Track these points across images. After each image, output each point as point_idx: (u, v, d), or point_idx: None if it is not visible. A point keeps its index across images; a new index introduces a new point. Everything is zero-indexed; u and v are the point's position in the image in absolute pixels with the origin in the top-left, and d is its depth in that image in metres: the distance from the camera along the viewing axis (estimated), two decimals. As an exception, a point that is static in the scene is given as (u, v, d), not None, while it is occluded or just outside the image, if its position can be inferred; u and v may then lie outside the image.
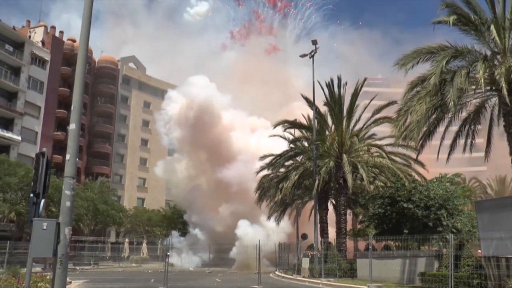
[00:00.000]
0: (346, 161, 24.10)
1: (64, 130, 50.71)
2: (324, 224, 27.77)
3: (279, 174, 28.04)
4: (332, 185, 27.45)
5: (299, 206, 33.09)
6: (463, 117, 17.96)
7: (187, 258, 39.05)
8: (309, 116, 28.54)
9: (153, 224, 51.13)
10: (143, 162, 66.71)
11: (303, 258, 25.07)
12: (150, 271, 30.88)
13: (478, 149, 18.54)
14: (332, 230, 27.91)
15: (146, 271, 31.36)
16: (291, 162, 28.49)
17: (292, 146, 29.13)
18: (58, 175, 35.62)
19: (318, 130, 26.77)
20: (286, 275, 26.19)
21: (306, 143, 28.96)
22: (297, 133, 29.96)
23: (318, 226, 26.26)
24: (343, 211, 25.95)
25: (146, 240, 44.52)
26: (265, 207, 30.85)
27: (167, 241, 30.68)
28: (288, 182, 25.93)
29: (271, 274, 27.95)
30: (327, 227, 28.01)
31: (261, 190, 29.65)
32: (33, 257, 8.42)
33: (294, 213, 33.97)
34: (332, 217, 28.53)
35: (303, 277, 23.84)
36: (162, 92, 62.31)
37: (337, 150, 26.07)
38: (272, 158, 28.57)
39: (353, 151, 26.04)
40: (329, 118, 27.29)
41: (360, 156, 26.02)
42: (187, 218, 43.39)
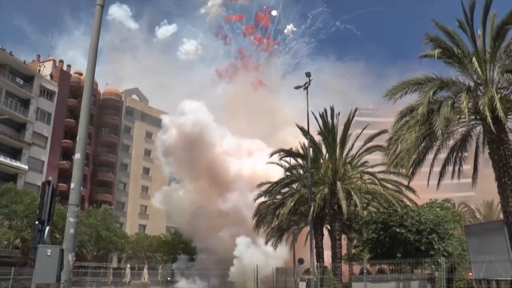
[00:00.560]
0: (340, 188, 24.58)
1: (69, 159, 51.85)
2: (319, 248, 28.00)
3: (276, 201, 28.53)
4: (327, 211, 27.66)
5: (296, 232, 33.38)
6: (451, 145, 18.43)
7: (195, 283, 39.60)
8: (304, 144, 29.12)
9: (154, 249, 51.55)
10: (145, 190, 67.97)
11: (300, 282, 25.25)
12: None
13: (466, 175, 18.86)
14: (327, 255, 27.93)
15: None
16: (287, 189, 28.97)
17: (288, 173, 29.64)
18: (62, 203, 36.48)
19: (312, 158, 27.22)
20: (283, 299, 26.40)
21: (301, 171, 29.50)
22: (292, 161, 30.63)
23: (314, 251, 26.30)
24: (338, 236, 26.09)
25: (147, 265, 44.90)
26: (262, 232, 31.46)
27: (168, 266, 31.14)
28: (284, 208, 26.34)
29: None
30: (323, 252, 28.22)
31: (258, 216, 30.23)
32: (37, 282, 8.39)
33: (291, 238, 34.52)
34: (327, 242, 28.68)
35: (300, 300, 23.96)
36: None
37: (331, 177, 26.55)
38: (268, 185, 29.06)
39: (346, 178, 26.53)
40: (323, 147, 27.92)
41: (353, 183, 26.47)
42: (194, 243, 44.24)
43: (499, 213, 42.93)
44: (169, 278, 39.42)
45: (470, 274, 16.91)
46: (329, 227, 28.95)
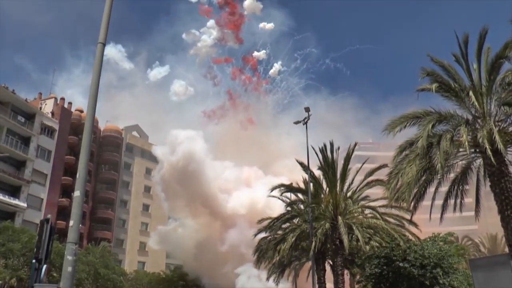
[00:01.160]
0: (342, 222, 24.41)
1: (68, 197, 51.67)
2: (322, 284, 27.62)
3: (277, 236, 28.39)
4: (328, 246, 27.41)
5: (297, 267, 33.14)
6: (452, 178, 18.32)
7: None
8: (305, 179, 29.15)
9: (153, 287, 50.69)
10: (144, 227, 67.35)
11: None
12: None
13: (468, 208, 18.78)
14: (330, 290, 28.02)
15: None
16: (288, 224, 28.85)
17: (288, 209, 29.57)
18: (61, 241, 36.10)
19: (313, 193, 27.21)
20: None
21: (302, 206, 29.43)
22: (293, 196, 30.45)
23: (317, 286, 26.20)
24: (341, 271, 25.77)
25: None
26: (264, 268, 31.15)
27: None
28: (285, 244, 26.11)
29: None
30: (326, 287, 28.03)
31: (259, 252, 30.02)
32: (33, 322, 8.15)
33: (293, 273, 34.09)
34: (330, 277, 28.46)
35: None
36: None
37: (332, 212, 26.35)
38: (269, 221, 29.09)
39: (347, 213, 26.39)
40: (323, 181, 27.82)
41: (354, 217, 26.26)
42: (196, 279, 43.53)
43: (504, 246, 42.64)
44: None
45: (477, 309, 16.47)
46: (331, 262, 28.58)
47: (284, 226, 28.98)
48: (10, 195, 45.35)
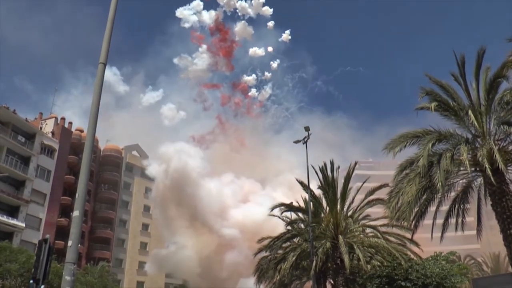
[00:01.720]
0: (342, 242, 24.24)
1: (67, 217, 51.46)
2: None
3: (277, 255, 28.24)
4: (329, 265, 27.32)
5: (298, 287, 32.89)
6: (452, 197, 18.26)
7: None
8: (305, 199, 29.21)
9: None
10: (144, 246, 66.91)
11: None
12: None
13: (470, 227, 18.87)
14: (332, 310, 27.70)
15: None
16: (289, 243, 28.76)
17: (289, 228, 29.51)
18: (59, 261, 35.79)
19: (313, 212, 27.17)
20: None
21: (302, 225, 29.41)
22: (293, 215, 30.53)
23: None
24: None
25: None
26: (264, 288, 30.96)
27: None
28: (286, 263, 26.00)
29: None
30: (327, 308, 27.86)
31: (259, 271, 29.88)
32: None
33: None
34: None
35: None
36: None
37: (333, 231, 26.24)
38: (269, 240, 28.99)
39: (348, 232, 26.27)
40: (323, 200, 27.82)
41: (355, 236, 26.17)
42: None
43: (507, 265, 42.30)
44: None
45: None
46: (332, 282, 28.41)
47: (284, 245, 28.87)
48: (8, 215, 45.06)
